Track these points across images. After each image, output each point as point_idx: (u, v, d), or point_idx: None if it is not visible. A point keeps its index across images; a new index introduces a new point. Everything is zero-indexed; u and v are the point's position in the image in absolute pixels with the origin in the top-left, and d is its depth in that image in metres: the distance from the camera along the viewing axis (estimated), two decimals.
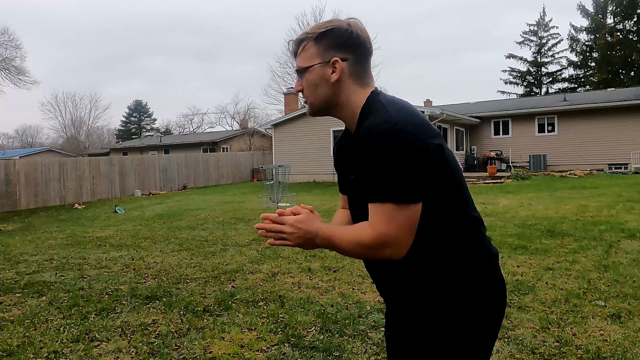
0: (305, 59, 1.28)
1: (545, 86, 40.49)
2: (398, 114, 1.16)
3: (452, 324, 1.24)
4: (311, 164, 20.05)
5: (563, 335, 3.22)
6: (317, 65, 1.27)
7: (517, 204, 10.00)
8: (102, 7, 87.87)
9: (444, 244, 1.24)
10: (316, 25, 1.29)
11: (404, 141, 1.11)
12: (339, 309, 3.92)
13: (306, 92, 1.31)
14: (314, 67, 1.27)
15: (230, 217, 10.16)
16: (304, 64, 1.29)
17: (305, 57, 1.29)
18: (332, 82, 1.27)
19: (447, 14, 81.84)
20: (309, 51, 1.28)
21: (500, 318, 1.31)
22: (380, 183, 1.13)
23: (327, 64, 1.26)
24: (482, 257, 1.28)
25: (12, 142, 67.09)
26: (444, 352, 1.24)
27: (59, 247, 7.41)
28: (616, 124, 19.02)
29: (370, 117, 1.20)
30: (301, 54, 1.29)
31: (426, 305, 1.26)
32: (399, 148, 1.11)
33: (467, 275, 1.25)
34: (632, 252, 5.41)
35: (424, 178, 1.13)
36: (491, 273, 1.30)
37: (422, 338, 1.27)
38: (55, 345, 3.40)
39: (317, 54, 1.27)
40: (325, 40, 1.26)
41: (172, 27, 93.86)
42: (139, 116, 64.02)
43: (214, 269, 5.52)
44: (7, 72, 27.21)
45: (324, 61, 1.26)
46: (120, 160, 19.42)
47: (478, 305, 1.25)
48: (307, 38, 1.28)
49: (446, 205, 1.23)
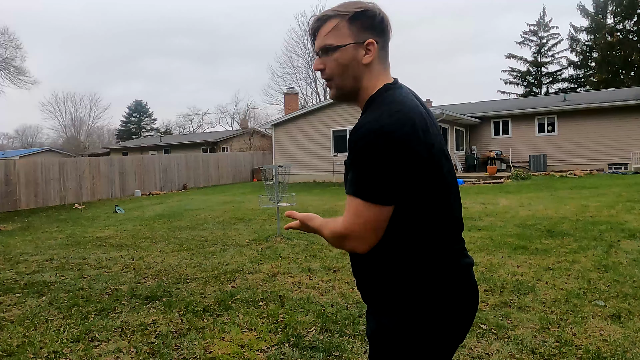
0: (337, 37, 1.23)
1: (545, 86, 40.49)
2: (391, 117, 1.14)
3: (405, 330, 1.22)
4: (311, 164, 20.04)
5: (563, 335, 3.22)
6: (351, 45, 1.23)
7: (517, 204, 10.00)
8: (104, 9, 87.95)
9: (412, 248, 1.22)
10: (345, 4, 1.25)
11: (386, 145, 1.11)
12: (339, 309, 3.92)
13: (332, 72, 1.26)
14: (347, 47, 1.23)
15: (230, 217, 10.16)
16: (335, 42, 1.23)
17: (336, 35, 1.23)
18: (363, 64, 1.24)
19: (447, 15, 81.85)
20: (341, 30, 1.23)
21: (456, 331, 1.28)
22: (356, 179, 1.15)
23: (360, 45, 1.23)
24: (447, 268, 1.25)
25: (12, 142, 67.10)
26: (394, 351, 1.24)
27: (59, 247, 7.41)
28: (616, 124, 19.02)
29: (368, 111, 1.23)
30: (331, 32, 1.23)
31: (386, 304, 1.26)
32: (380, 151, 1.11)
33: (428, 282, 1.22)
34: (632, 252, 5.40)
35: (400, 183, 1.13)
36: (454, 285, 1.26)
37: (380, 335, 1.27)
38: (55, 345, 3.40)
39: (350, 34, 1.23)
40: (359, 21, 1.23)
41: (171, 30, 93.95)
42: (139, 116, 63.98)
43: (214, 269, 5.52)
44: (7, 72, 27.22)
45: (358, 42, 1.23)
46: (120, 160, 19.42)
47: (435, 311, 1.22)
48: (340, 16, 1.23)
49: (422, 212, 1.21)
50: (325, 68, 1.26)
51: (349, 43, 1.22)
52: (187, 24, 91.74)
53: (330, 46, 1.23)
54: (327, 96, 35.68)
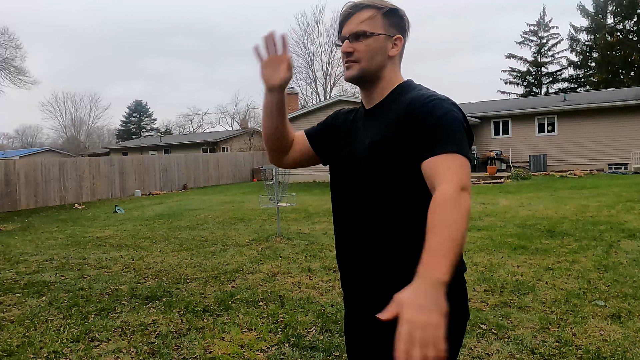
0: (372, 26, 1.32)
1: (545, 86, 40.45)
2: (446, 96, 1.27)
3: (456, 313, 1.21)
4: None
5: (563, 335, 3.22)
6: (383, 35, 1.33)
7: (517, 204, 10.00)
8: (104, 9, 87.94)
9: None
10: (379, 1, 1.35)
11: (461, 115, 1.23)
12: (339, 309, 3.92)
13: (361, 56, 1.33)
14: (380, 36, 1.33)
15: (230, 217, 10.16)
16: (370, 29, 1.32)
17: (371, 24, 1.32)
18: (388, 56, 1.35)
19: (447, 15, 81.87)
20: (376, 21, 1.33)
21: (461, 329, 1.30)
22: (448, 138, 1.17)
23: (389, 38, 1.34)
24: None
25: (12, 142, 67.07)
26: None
27: (59, 247, 7.41)
28: (616, 124, 19.01)
29: (414, 91, 1.31)
30: (367, 20, 1.32)
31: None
32: (459, 117, 1.22)
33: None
34: (632, 252, 5.40)
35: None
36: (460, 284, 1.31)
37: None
38: (55, 345, 3.40)
39: (383, 26, 1.33)
40: (391, 18, 1.35)
41: (171, 30, 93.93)
42: (139, 116, 63.95)
43: (214, 269, 5.52)
44: (7, 72, 27.21)
45: (388, 35, 1.34)
46: (120, 160, 19.42)
47: (464, 290, 1.31)
48: (377, 8, 1.33)
49: None
50: (354, 51, 1.33)
51: (382, 33, 1.33)
52: (187, 24, 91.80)
53: (365, 32, 1.32)
54: (327, 96, 35.70)
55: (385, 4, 1.35)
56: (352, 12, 1.34)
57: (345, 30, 1.35)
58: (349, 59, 1.34)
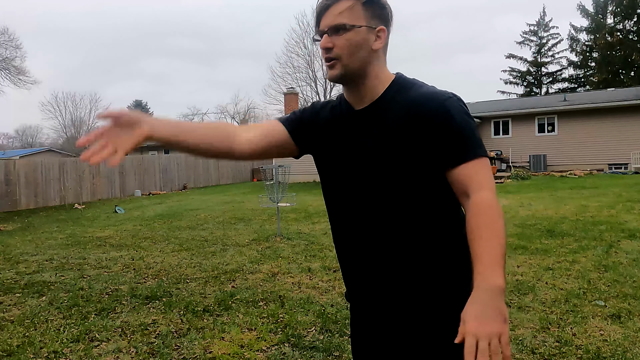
0: (351, 18, 1.20)
1: (545, 86, 40.44)
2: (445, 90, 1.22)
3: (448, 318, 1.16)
4: (311, 164, 19.94)
5: (563, 335, 3.22)
6: (364, 27, 1.21)
7: (517, 204, 9.99)
8: (104, 9, 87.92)
9: (452, 231, 1.23)
10: None
11: (464, 104, 1.19)
12: (339, 309, 3.92)
13: (341, 51, 1.21)
14: (361, 28, 1.21)
15: (230, 217, 10.16)
16: (350, 21, 1.20)
17: (350, 15, 1.20)
18: (372, 50, 1.23)
19: (447, 15, 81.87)
20: (356, 12, 1.20)
21: None
22: (472, 142, 1.15)
23: (372, 30, 1.22)
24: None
25: (12, 142, 67.00)
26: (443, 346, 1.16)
27: (59, 247, 7.41)
28: (616, 124, 19.00)
29: (413, 88, 1.23)
30: (345, 11, 1.20)
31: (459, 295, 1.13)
32: (468, 113, 1.18)
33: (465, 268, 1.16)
34: (632, 252, 5.40)
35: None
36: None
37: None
38: (55, 345, 3.40)
39: (364, 17, 1.21)
40: (372, 7, 1.22)
41: (171, 30, 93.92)
42: None
43: (214, 269, 5.52)
44: (7, 72, 27.19)
45: (370, 26, 1.22)
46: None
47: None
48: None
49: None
50: (334, 47, 1.21)
51: (363, 25, 1.21)
52: (187, 24, 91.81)
53: (344, 25, 1.20)
54: (327, 96, 35.68)
55: None
56: (328, 4, 1.22)
57: (323, 24, 1.22)
58: (329, 55, 1.22)
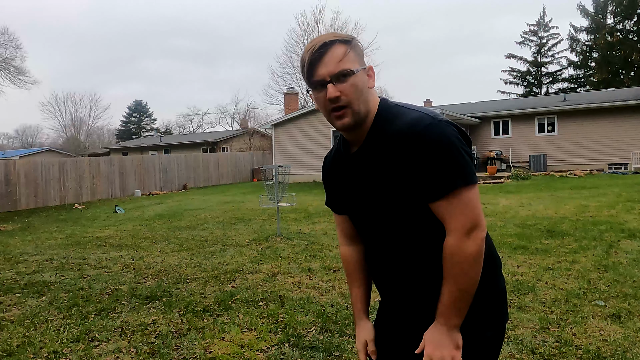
0: (350, 63, 1.19)
1: (545, 86, 40.46)
2: (427, 112, 1.18)
3: (499, 338, 1.36)
4: (311, 164, 20.04)
5: (563, 335, 3.22)
6: (362, 69, 1.21)
7: (517, 204, 10.00)
8: (104, 9, 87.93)
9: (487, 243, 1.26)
10: (334, 34, 1.23)
11: (451, 130, 1.15)
12: (339, 309, 3.92)
13: (350, 98, 1.19)
14: (361, 71, 1.21)
15: (230, 217, 10.16)
16: (351, 66, 1.18)
17: (349, 60, 1.19)
18: (370, 89, 1.24)
19: (447, 15, 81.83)
20: (351, 56, 1.20)
21: (502, 327, 1.34)
22: (447, 172, 1.12)
23: (364, 70, 1.23)
24: (489, 263, 1.26)
25: (12, 142, 67.08)
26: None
27: (59, 247, 7.41)
28: (616, 124, 19.01)
29: (395, 121, 1.20)
30: (345, 58, 1.18)
31: (483, 312, 1.27)
32: (451, 136, 1.14)
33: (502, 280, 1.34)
34: (632, 252, 5.40)
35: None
36: (494, 281, 1.29)
37: (483, 349, 1.30)
38: (55, 345, 3.40)
39: (356, 60, 1.21)
40: (357, 49, 1.23)
41: (172, 30, 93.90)
42: (139, 116, 63.95)
43: (214, 269, 5.52)
44: (7, 72, 27.18)
45: (364, 67, 1.23)
46: (120, 160, 19.41)
47: (482, 313, 1.26)
48: (344, 42, 1.21)
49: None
50: (342, 95, 1.18)
51: (361, 67, 1.21)
52: (188, 24, 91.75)
53: (351, 71, 1.18)
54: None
55: (346, 36, 1.24)
56: (322, 52, 1.18)
57: (323, 73, 1.17)
58: (339, 104, 1.18)
